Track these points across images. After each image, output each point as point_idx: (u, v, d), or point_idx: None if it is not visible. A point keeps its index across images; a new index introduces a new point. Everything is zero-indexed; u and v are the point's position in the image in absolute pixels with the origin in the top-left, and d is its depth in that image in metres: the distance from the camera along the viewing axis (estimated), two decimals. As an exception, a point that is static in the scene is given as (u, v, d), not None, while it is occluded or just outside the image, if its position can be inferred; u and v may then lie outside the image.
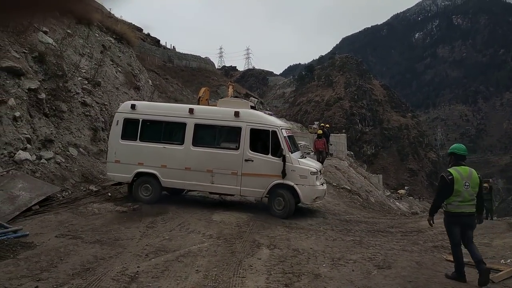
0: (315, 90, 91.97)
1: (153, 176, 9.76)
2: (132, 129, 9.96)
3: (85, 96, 13.61)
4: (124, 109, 10.30)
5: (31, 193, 8.48)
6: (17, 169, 9.17)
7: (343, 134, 31.64)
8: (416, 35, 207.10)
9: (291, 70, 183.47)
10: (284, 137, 9.59)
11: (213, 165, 9.55)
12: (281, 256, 6.43)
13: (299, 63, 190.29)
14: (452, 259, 6.02)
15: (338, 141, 26.93)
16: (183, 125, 9.82)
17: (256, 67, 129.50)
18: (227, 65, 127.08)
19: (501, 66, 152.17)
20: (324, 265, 6.15)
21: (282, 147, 9.38)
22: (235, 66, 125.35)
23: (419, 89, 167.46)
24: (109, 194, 10.48)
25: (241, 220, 8.73)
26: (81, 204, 9.19)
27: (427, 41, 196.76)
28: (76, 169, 11.16)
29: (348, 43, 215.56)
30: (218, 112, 10.03)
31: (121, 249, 6.34)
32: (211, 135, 9.97)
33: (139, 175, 9.86)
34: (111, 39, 19.45)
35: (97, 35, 18.06)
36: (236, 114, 9.64)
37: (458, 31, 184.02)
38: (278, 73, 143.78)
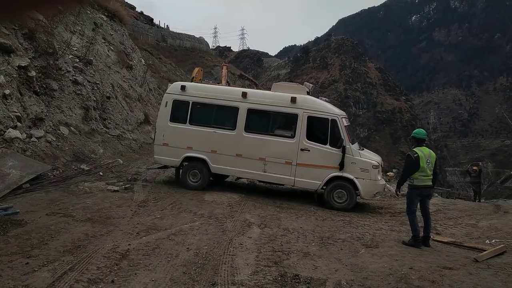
0: (310, 72, 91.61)
1: (202, 161, 9.49)
2: (182, 111, 9.63)
3: (76, 75, 13.43)
4: (173, 90, 9.90)
5: (21, 172, 8.44)
6: (7, 147, 9.11)
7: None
8: (413, 17, 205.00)
9: (287, 51, 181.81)
10: (345, 126, 9.01)
11: (266, 153, 9.15)
12: (271, 235, 6.52)
13: (295, 45, 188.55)
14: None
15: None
16: (235, 110, 9.39)
17: (251, 48, 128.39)
18: (222, 45, 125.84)
19: (496, 51, 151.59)
20: (313, 244, 6.25)
21: (342, 137, 8.79)
22: (230, 47, 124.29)
23: (413, 73, 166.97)
24: (101, 173, 10.49)
25: (233, 200, 8.80)
26: (72, 183, 9.20)
27: (423, 24, 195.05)
28: (67, 148, 11.11)
29: (344, 24, 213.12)
30: (273, 97, 9.46)
31: (112, 227, 6.37)
32: (265, 121, 9.54)
33: (187, 159, 9.61)
34: (103, 16, 19.07)
35: (89, 12, 17.69)
36: (293, 100, 9.11)
37: (455, 14, 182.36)
38: (273, 54, 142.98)
